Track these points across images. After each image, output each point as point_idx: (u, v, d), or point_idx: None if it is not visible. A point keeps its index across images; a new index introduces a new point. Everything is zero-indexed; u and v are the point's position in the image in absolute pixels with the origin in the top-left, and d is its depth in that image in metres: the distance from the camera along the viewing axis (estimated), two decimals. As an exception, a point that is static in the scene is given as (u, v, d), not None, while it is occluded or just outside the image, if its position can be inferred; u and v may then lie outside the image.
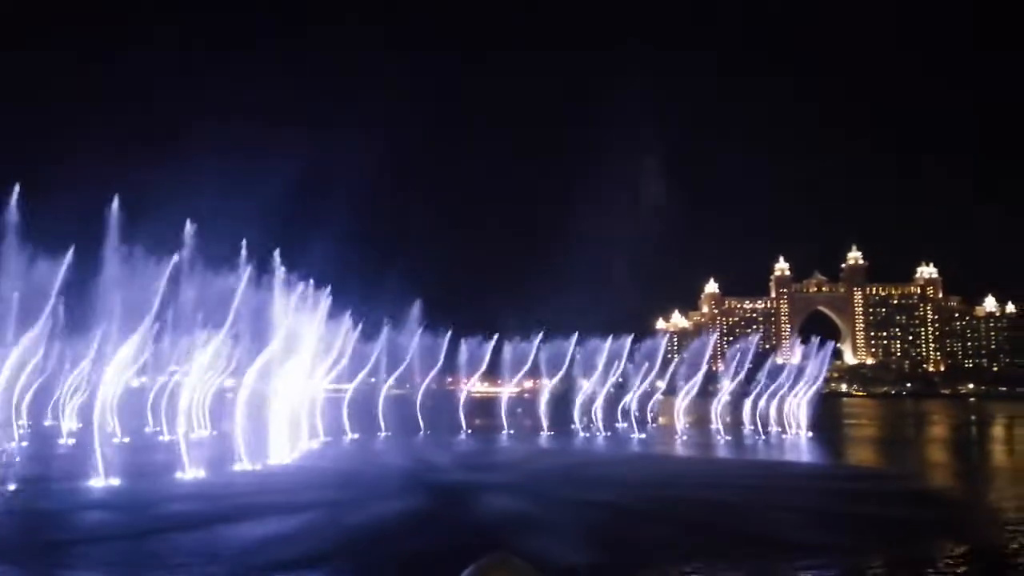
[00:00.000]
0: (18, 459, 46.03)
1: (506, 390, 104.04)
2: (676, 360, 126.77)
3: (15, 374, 52.76)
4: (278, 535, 29.11)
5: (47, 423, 77.22)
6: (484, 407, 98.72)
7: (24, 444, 60.87)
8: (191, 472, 45.36)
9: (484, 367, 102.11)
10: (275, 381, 59.71)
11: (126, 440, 59.48)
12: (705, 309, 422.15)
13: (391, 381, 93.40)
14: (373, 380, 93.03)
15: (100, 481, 41.14)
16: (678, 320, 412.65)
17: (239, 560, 24.77)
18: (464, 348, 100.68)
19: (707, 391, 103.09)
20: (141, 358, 60.61)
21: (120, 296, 46.29)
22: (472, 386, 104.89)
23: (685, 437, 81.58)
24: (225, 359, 64.99)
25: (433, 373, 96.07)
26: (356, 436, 79.16)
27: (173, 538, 28.56)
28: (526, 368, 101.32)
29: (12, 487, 38.64)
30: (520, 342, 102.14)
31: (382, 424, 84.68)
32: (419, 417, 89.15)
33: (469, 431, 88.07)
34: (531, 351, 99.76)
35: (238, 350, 60.50)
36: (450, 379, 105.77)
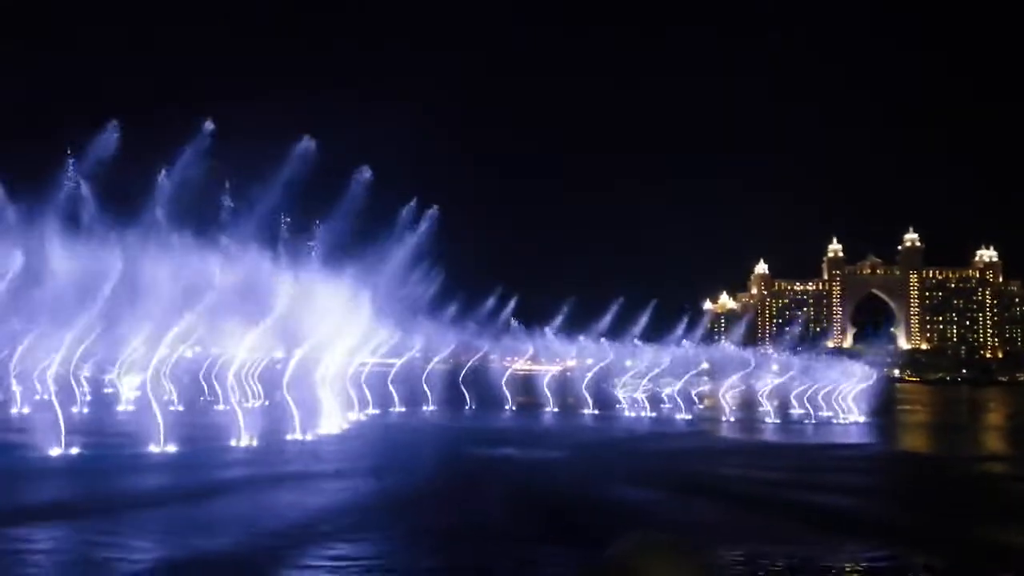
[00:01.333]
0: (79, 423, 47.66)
1: (549, 368, 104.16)
2: (722, 341, 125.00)
3: (76, 343, 54.53)
4: (325, 503, 29.77)
5: (107, 391, 79.74)
6: (528, 384, 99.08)
7: (85, 411, 63.03)
8: (244, 440, 46.56)
9: (531, 346, 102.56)
10: (324, 354, 60.93)
11: (181, 408, 61.24)
12: (754, 291, 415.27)
13: (437, 358, 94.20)
14: (418, 355, 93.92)
15: (157, 447, 42.43)
16: (726, 301, 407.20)
17: (286, 526, 25.33)
18: (511, 326, 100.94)
19: (755, 374, 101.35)
20: (196, 330, 62.09)
21: (176, 273, 47.65)
22: (517, 364, 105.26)
23: (732, 419, 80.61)
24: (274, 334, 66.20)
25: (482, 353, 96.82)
26: (403, 409, 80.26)
27: (224, 502, 29.37)
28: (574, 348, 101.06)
29: (75, 450, 40.12)
30: (563, 319, 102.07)
31: (428, 398, 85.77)
32: (464, 392, 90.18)
33: (513, 407, 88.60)
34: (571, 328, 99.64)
35: (289, 324, 61.59)
36: (494, 356, 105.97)
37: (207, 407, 66.95)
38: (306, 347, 58.19)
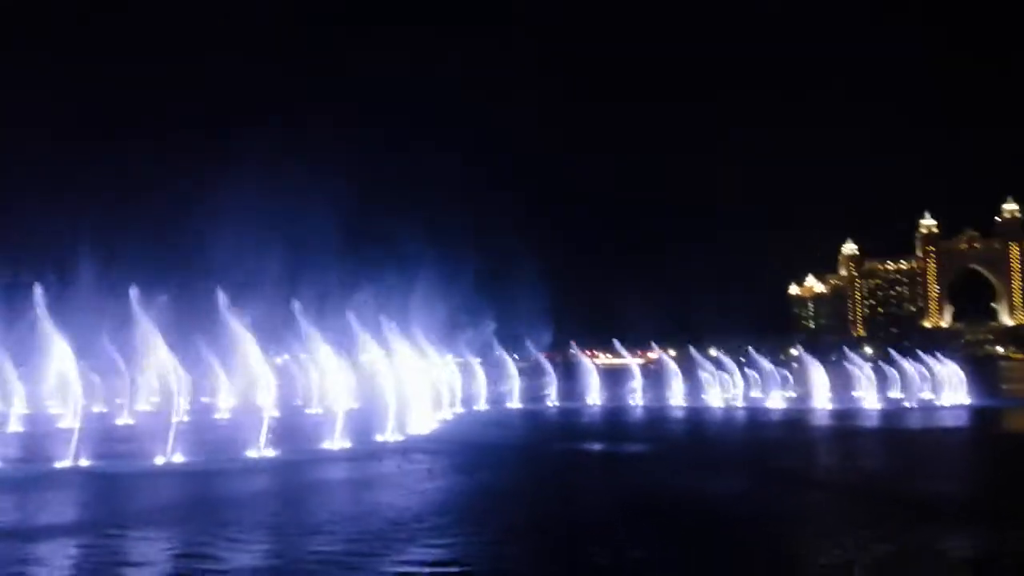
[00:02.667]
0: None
1: (633, 361, 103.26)
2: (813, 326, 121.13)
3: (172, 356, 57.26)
4: (419, 503, 30.26)
5: (204, 399, 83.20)
6: (613, 377, 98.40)
7: (186, 419, 65.81)
8: (339, 442, 47.82)
9: (614, 340, 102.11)
10: (410, 356, 62.14)
11: (276, 414, 63.28)
12: (843, 272, 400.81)
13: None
14: (499, 354, 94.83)
15: (256, 452, 44.00)
16: (813, 284, 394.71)
17: (384, 526, 25.84)
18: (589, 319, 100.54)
19: (848, 358, 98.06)
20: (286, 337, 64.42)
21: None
22: (601, 358, 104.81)
23: (830, 406, 77.90)
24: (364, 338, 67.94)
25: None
26: (488, 407, 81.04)
27: (323, 504, 30.23)
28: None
29: (181, 459, 42.01)
30: (651, 313, 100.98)
31: (513, 395, 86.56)
32: (546, 388, 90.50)
33: (599, 401, 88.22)
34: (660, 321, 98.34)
35: (375, 328, 63.09)
36: (575, 351, 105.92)
37: (300, 411, 69.08)
38: (393, 349, 59.52)
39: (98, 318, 55.99)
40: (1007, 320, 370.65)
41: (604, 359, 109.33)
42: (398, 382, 58.99)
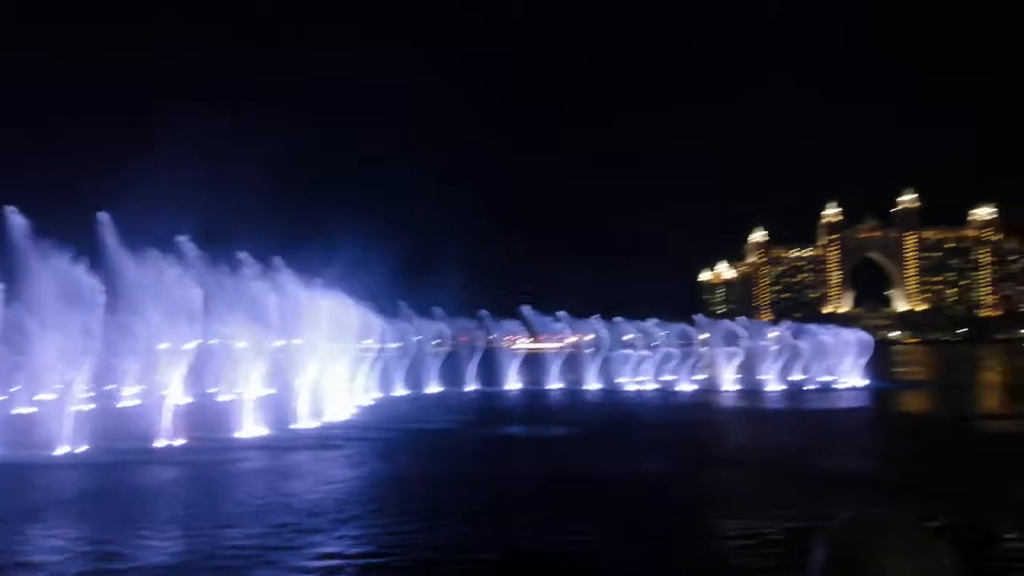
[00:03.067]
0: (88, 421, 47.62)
1: (551, 346, 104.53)
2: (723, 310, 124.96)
3: (77, 341, 54.60)
4: (338, 489, 29.90)
5: (108, 387, 79.82)
6: (532, 363, 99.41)
7: (91, 407, 63.03)
8: (253, 430, 46.77)
9: (530, 325, 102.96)
10: (323, 341, 61.20)
11: (187, 401, 61.29)
12: (752, 258, 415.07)
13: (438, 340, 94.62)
14: (419, 338, 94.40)
15: (164, 441, 42.58)
16: (724, 271, 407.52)
17: (301, 514, 25.45)
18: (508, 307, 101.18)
19: (755, 342, 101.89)
20: (195, 321, 62.20)
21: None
22: (518, 344, 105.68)
23: (733, 388, 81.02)
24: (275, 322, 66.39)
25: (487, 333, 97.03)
26: (408, 392, 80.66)
27: (236, 492, 29.51)
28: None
29: (83, 448, 40.22)
30: (566, 297, 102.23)
31: (434, 380, 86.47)
32: (468, 373, 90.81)
33: (519, 386, 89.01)
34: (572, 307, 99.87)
35: (287, 312, 61.71)
36: (493, 336, 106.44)
37: (212, 399, 67.12)
38: (307, 334, 58.51)
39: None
40: (902, 306, 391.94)
41: (523, 343, 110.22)
42: (314, 368, 58.10)
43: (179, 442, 42.44)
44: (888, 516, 3.10)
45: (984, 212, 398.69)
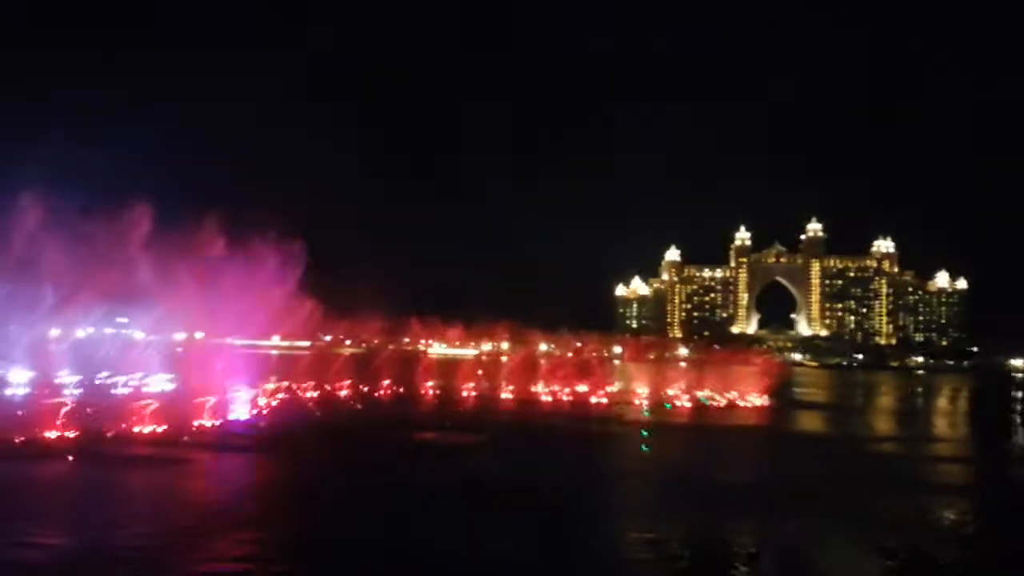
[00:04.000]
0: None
1: (467, 352, 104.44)
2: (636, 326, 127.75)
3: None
4: (235, 490, 29.02)
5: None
6: (445, 368, 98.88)
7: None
8: (150, 425, 44.84)
9: (446, 330, 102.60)
10: (229, 337, 59.43)
11: (79, 391, 58.37)
12: (665, 276, 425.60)
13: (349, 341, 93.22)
14: (328, 338, 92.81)
15: (55, 434, 40.43)
16: (638, 287, 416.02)
17: (198, 516, 24.57)
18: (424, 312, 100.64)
19: (664, 357, 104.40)
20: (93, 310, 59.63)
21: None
22: (433, 348, 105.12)
23: (644, 403, 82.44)
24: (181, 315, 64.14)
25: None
26: (315, 393, 78.90)
27: (131, 492, 28.31)
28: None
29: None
30: (482, 306, 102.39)
31: (341, 381, 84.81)
32: (377, 375, 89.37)
33: (431, 390, 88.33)
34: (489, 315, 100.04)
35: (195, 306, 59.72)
36: (408, 340, 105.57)
37: (107, 389, 64.07)
38: (211, 328, 56.62)
39: None
40: (805, 330, 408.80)
41: (439, 348, 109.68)
42: (218, 365, 56.24)
43: (70, 435, 40.34)
44: (826, 530, 3.36)
45: (884, 245, 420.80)
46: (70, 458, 35.26)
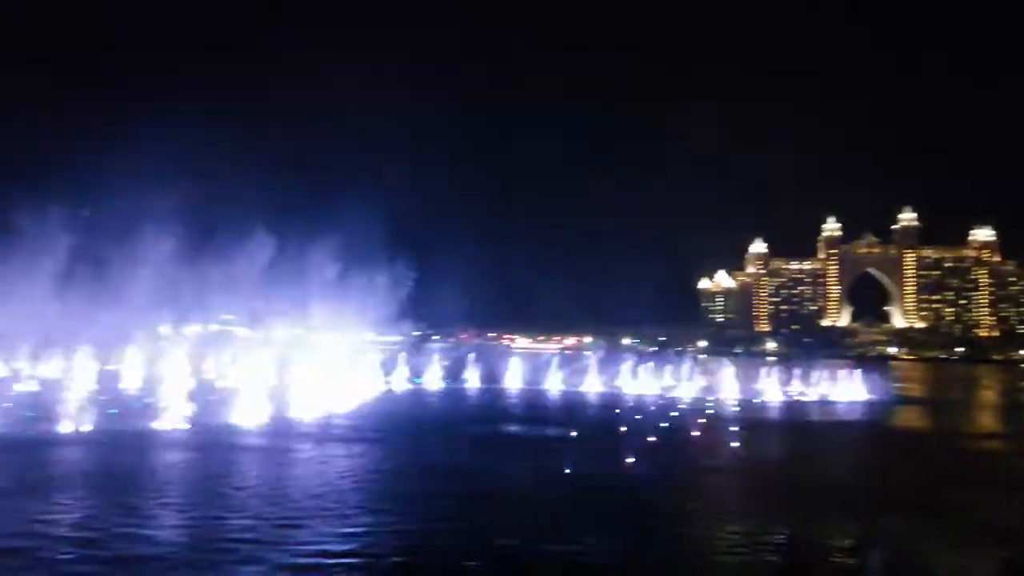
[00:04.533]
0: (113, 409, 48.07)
1: (551, 346, 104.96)
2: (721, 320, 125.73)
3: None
4: (338, 478, 30.40)
5: (109, 367, 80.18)
6: (530, 362, 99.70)
7: (94, 388, 63.47)
8: (255, 418, 47.23)
9: (531, 325, 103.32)
10: (330, 334, 61.79)
11: (189, 387, 61.67)
12: (751, 269, 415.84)
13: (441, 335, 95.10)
14: (419, 334, 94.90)
15: (168, 424, 43.10)
16: (723, 280, 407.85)
17: (305, 500, 25.96)
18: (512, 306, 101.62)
19: (751, 351, 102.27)
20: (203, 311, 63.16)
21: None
22: (520, 342, 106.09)
23: (734, 397, 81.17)
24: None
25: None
26: (408, 387, 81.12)
27: (243, 479, 30.02)
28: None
29: (86, 427, 40.74)
30: (566, 301, 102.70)
31: (437, 374, 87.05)
32: (469, 369, 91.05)
33: (517, 384, 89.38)
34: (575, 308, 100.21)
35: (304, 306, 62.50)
36: (494, 334, 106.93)
37: (214, 385, 67.51)
38: (313, 327, 59.08)
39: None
40: (900, 323, 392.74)
41: (523, 343, 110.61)
42: (318, 360, 58.57)
43: (183, 427, 42.95)
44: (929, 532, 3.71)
45: (983, 233, 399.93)
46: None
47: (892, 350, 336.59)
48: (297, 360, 59.58)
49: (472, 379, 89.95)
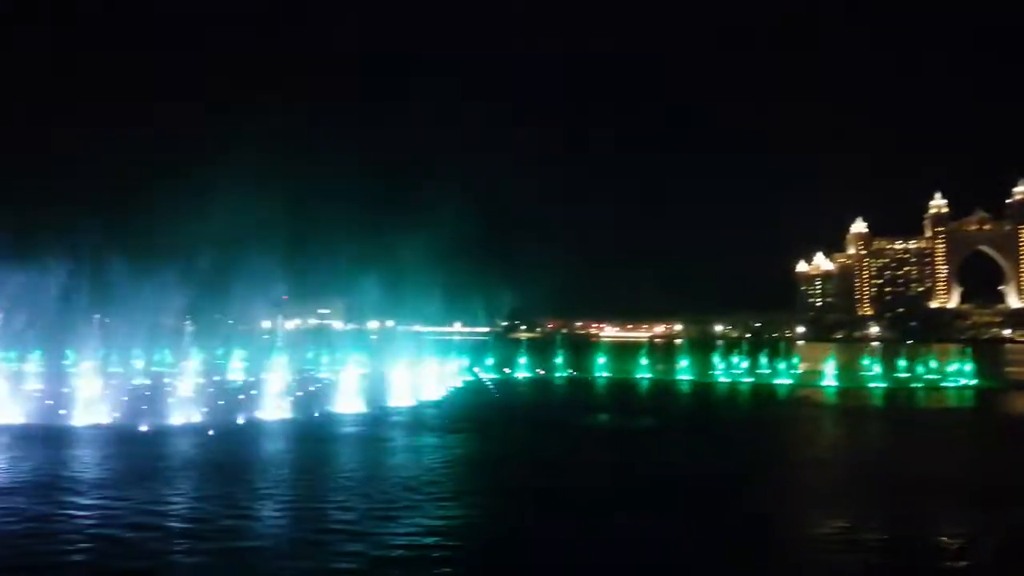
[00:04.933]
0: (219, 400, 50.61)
1: (639, 335, 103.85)
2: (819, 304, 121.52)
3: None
4: (431, 466, 31.01)
5: (217, 361, 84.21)
6: (619, 350, 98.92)
7: (204, 382, 66.74)
8: (352, 406, 48.76)
9: (618, 313, 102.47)
10: (416, 325, 63.16)
11: (291, 379, 64.14)
12: (851, 250, 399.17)
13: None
14: (506, 324, 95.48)
15: (270, 415, 44.91)
16: (821, 262, 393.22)
17: (390, 487, 26.60)
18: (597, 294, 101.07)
19: (853, 336, 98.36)
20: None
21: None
22: (607, 331, 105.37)
23: (833, 383, 78.34)
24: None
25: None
26: (495, 376, 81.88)
27: (340, 467, 30.99)
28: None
29: (198, 418, 42.94)
30: (655, 288, 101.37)
31: (521, 365, 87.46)
32: (558, 360, 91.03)
33: (606, 373, 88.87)
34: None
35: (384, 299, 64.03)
36: (581, 324, 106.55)
37: (312, 376, 69.95)
38: (400, 318, 60.45)
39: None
40: (1015, 303, 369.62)
41: (611, 331, 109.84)
42: (409, 349, 59.92)
43: (285, 416, 44.72)
44: None
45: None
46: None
47: (1007, 332, 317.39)
48: (390, 351, 61.07)
49: (560, 368, 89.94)
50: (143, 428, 39.23)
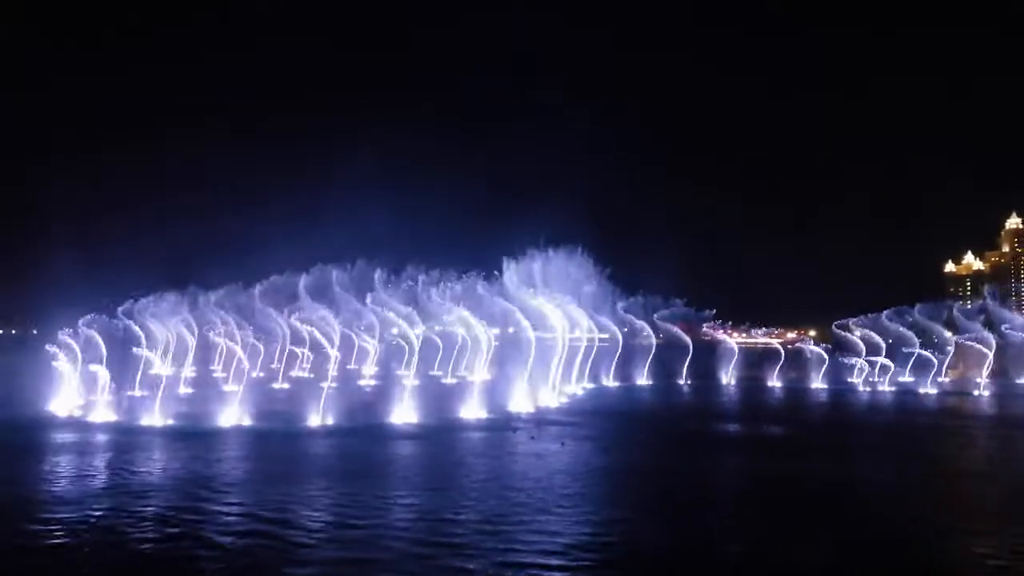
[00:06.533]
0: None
1: (771, 341, 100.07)
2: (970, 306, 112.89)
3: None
4: (552, 475, 31.02)
5: (350, 366, 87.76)
6: (748, 357, 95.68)
7: (334, 385, 69.82)
8: (475, 412, 49.59)
9: (748, 317, 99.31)
10: (538, 332, 63.50)
11: (415, 383, 66.06)
12: (1006, 248, 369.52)
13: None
14: (626, 330, 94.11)
15: (396, 418, 46.38)
16: (971, 262, 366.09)
17: (512, 493, 26.77)
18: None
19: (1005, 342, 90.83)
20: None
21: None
22: (733, 336, 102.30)
23: (983, 392, 72.69)
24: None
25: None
26: (618, 382, 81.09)
27: (469, 470, 31.55)
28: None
29: (331, 421, 44.92)
30: (789, 290, 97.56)
31: (645, 371, 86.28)
32: (678, 366, 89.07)
33: (732, 381, 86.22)
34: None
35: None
36: (704, 328, 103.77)
37: (436, 381, 71.76)
38: (521, 325, 61.04)
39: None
40: None
41: (741, 337, 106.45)
42: (530, 355, 60.26)
43: (411, 420, 46.06)
44: None
45: None
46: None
47: None
48: (513, 357, 61.68)
49: (684, 375, 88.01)
50: (282, 429, 41.55)
